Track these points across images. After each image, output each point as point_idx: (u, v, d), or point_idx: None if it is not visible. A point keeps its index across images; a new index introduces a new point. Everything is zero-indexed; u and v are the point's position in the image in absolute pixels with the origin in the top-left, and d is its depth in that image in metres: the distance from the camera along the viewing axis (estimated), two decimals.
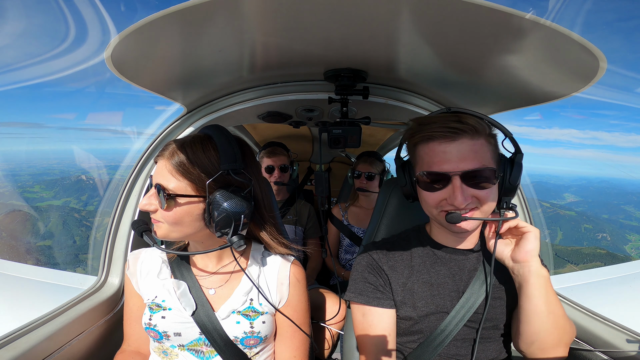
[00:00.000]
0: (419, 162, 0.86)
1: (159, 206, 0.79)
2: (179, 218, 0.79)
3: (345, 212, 2.16)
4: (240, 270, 0.93)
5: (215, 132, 0.83)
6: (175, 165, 0.79)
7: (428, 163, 0.82)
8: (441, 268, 0.92)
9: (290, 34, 0.78)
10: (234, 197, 0.79)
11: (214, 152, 0.81)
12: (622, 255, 56.94)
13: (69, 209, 43.13)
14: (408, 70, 1.07)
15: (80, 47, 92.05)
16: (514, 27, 0.66)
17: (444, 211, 0.82)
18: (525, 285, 0.81)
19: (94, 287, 1.15)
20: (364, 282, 0.93)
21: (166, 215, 0.79)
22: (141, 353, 0.96)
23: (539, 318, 0.80)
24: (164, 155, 0.81)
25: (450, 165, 0.79)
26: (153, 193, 0.81)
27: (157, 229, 0.83)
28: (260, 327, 0.87)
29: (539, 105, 1.10)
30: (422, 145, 0.84)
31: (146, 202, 0.81)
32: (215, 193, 0.78)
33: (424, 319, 0.89)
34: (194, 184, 0.79)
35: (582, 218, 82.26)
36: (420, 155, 0.85)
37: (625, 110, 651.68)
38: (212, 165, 0.80)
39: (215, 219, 0.78)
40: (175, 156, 0.79)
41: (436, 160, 0.81)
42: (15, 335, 0.86)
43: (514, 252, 0.82)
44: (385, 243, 1.00)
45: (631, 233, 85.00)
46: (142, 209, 0.81)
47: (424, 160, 0.84)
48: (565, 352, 0.86)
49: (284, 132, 2.68)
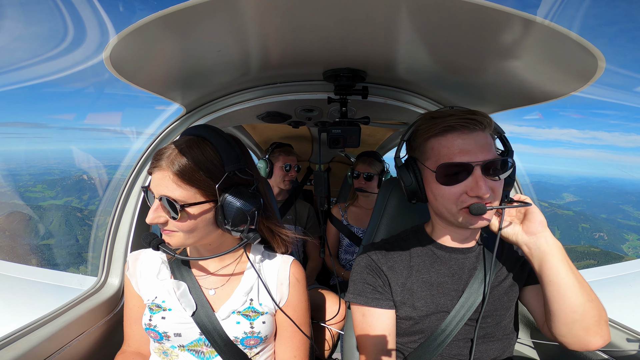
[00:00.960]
0: (432, 157, 0.83)
1: (169, 217, 0.78)
2: (193, 225, 0.79)
3: (344, 212, 2.16)
4: (240, 270, 0.93)
5: (209, 133, 0.81)
6: (179, 174, 0.76)
7: (447, 155, 0.80)
8: (441, 267, 0.92)
9: (289, 34, 0.78)
10: (244, 195, 0.80)
11: (213, 153, 0.79)
12: (615, 254, 57.70)
13: (72, 208, 43.32)
14: (407, 70, 1.07)
15: (80, 48, 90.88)
16: (513, 26, 0.66)
17: (465, 207, 0.80)
18: (549, 257, 0.77)
19: (93, 288, 1.15)
20: (363, 283, 0.94)
21: (180, 225, 0.78)
22: (141, 354, 0.96)
23: (574, 289, 0.75)
24: (161, 166, 0.77)
25: (471, 156, 0.78)
26: (158, 205, 0.78)
27: (171, 238, 0.81)
28: (260, 327, 0.87)
29: (538, 105, 1.10)
30: (438, 138, 0.82)
31: (154, 215, 0.77)
32: (224, 195, 0.78)
33: (425, 318, 0.89)
34: (202, 189, 0.78)
35: (579, 217, 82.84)
36: (436, 148, 0.82)
37: (625, 110, 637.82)
38: (216, 167, 0.79)
39: (229, 219, 0.79)
40: (176, 164, 0.76)
41: (457, 152, 0.79)
42: (16, 336, 0.86)
43: (525, 227, 0.81)
44: (384, 244, 1.00)
45: (629, 232, 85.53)
46: (151, 222, 0.78)
47: (440, 153, 0.81)
48: (608, 333, 0.78)
49: (284, 132, 2.68)
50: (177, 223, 0.78)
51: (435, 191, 0.84)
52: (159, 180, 0.78)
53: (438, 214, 0.90)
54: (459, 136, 0.79)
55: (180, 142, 0.81)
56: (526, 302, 0.93)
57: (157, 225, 0.81)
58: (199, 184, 0.77)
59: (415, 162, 0.88)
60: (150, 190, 0.80)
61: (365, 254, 0.98)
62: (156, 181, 0.78)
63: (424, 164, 0.85)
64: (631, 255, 68.03)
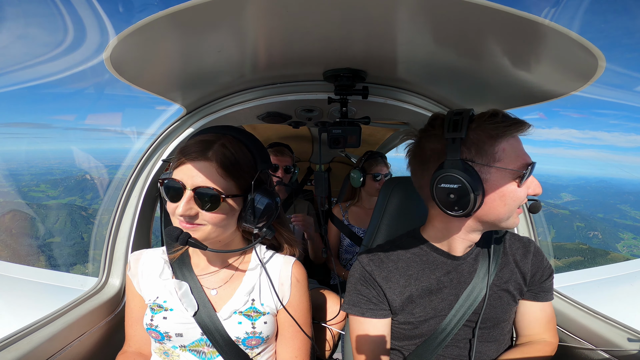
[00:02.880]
0: (505, 157, 0.78)
1: (200, 209, 0.78)
2: (224, 218, 0.81)
3: (345, 212, 2.16)
4: (242, 270, 0.93)
5: (240, 133, 0.85)
6: (223, 165, 0.78)
7: (521, 156, 0.79)
8: (440, 274, 0.91)
9: (290, 34, 0.78)
10: (270, 193, 0.84)
11: (247, 151, 0.84)
12: (601, 250, 59.29)
13: (76, 207, 43.79)
14: (407, 70, 1.07)
15: (80, 48, 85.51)
16: (513, 26, 0.66)
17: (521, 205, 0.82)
18: None
19: (94, 289, 1.15)
20: (357, 294, 0.94)
21: (212, 217, 0.78)
22: (142, 354, 0.96)
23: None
24: (207, 156, 0.78)
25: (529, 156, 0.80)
26: (191, 196, 0.77)
27: (196, 232, 0.80)
28: (262, 327, 0.87)
29: (538, 104, 1.10)
30: (508, 138, 0.79)
31: (186, 207, 0.76)
32: (255, 190, 0.82)
33: (423, 323, 0.89)
34: (240, 183, 0.81)
35: (575, 216, 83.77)
36: (508, 149, 0.79)
37: (625, 110, 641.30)
38: (251, 164, 0.83)
39: (257, 214, 0.82)
40: (221, 156, 0.78)
41: (523, 153, 0.80)
42: (17, 337, 0.86)
43: None
44: (379, 251, 0.97)
45: (624, 231, 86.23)
46: (183, 214, 0.76)
47: (515, 153, 0.79)
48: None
49: (284, 133, 2.68)
50: (210, 215, 0.78)
51: (508, 194, 0.78)
52: (197, 171, 0.77)
53: (489, 219, 0.82)
54: (519, 139, 0.82)
55: (219, 136, 0.82)
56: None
57: (176, 218, 0.79)
58: (239, 177, 0.81)
59: (471, 166, 0.78)
60: (178, 182, 0.77)
61: (359, 264, 0.96)
62: (190, 172, 0.77)
63: (494, 165, 0.78)
64: (626, 254, 69.28)
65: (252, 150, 0.84)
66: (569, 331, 1.06)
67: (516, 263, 0.93)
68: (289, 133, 2.61)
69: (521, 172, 0.78)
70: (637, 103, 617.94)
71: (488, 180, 0.78)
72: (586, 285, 1.31)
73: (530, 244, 0.96)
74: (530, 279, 0.92)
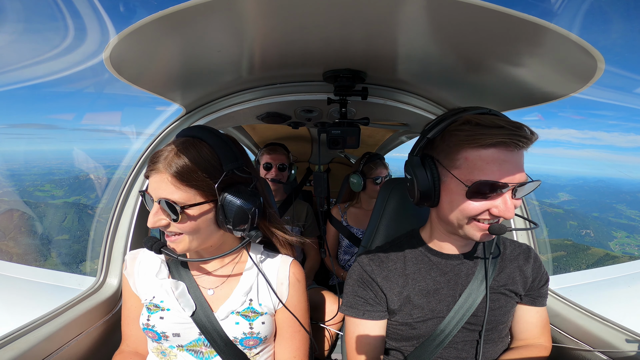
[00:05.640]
0: (464, 167, 0.75)
1: (170, 219, 0.78)
2: (195, 226, 0.79)
3: (344, 213, 2.16)
4: (239, 270, 0.93)
5: (205, 133, 0.81)
6: (177, 176, 0.75)
7: (485, 171, 0.73)
8: (437, 274, 0.91)
9: (289, 34, 0.78)
10: (243, 194, 0.80)
11: (210, 153, 0.79)
12: (583, 245, 62.14)
13: (82, 206, 44.31)
14: (407, 71, 1.07)
15: (80, 48, 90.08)
16: (512, 28, 0.66)
17: (481, 220, 0.77)
18: None
19: (92, 288, 1.15)
20: (355, 296, 0.94)
21: (182, 227, 0.78)
22: (139, 353, 0.95)
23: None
24: (158, 169, 0.77)
25: (509, 177, 0.73)
26: (158, 209, 0.78)
27: (177, 243, 0.81)
28: (259, 327, 0.87)
29: (537, 106, 1.11)
30: (478, 150, 0.73)
31: (154, 219, 0.77)
32: (224, 194, 0.78)
33: (421, 324, 0.89)
34: (201, 189, 0.78)
35: (568, 215, 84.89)
36: (472, 160, 0.74)
37: (624, 111, 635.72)
38: (214, 166, 0.79)
39: (230, 218, 0.79)
40: (173, 166, 0.76)
41: (496, 170, 0.72)
42: (15, 336, 0.86)
43: None
44: (379, 252, 0.98)
45: (618, 230, 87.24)
46: (153, 226, 0.78)
47: (476, 166, 0.74)
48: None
49: (283, 133, 2.68)
50: (179, 225, 0.78)
51: (455, 202, 0.78)
52: (157, 183, 0.77)
53: (444, 221, 0.85)
54: (502, 153, 0.72)
55: (176, 143, 0.80)
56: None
57: (159, 228, 0.80)
58: (197, 184, 0.77)
59: (435, 164, 0.80)
60: (149, 194, 0.80)
61: (358, 265, 0.96)
62: (154, 184, 0.78)
63: (450, 171, 0.77)
64: (617, 252, 70.99)
65: (216, 151, 0.79)
66: (566, 332, 1.06)
67: (519, 268, 0.94)
68: (289, 133, 2.61)
69: (466, 186, 0.74)
70: (635, 104, 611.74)
71: (445, 183, 0.80)
72: (583, 287, 1.31)
73: (530, 251, 0.98)
74: (531, 284, 0.93)
